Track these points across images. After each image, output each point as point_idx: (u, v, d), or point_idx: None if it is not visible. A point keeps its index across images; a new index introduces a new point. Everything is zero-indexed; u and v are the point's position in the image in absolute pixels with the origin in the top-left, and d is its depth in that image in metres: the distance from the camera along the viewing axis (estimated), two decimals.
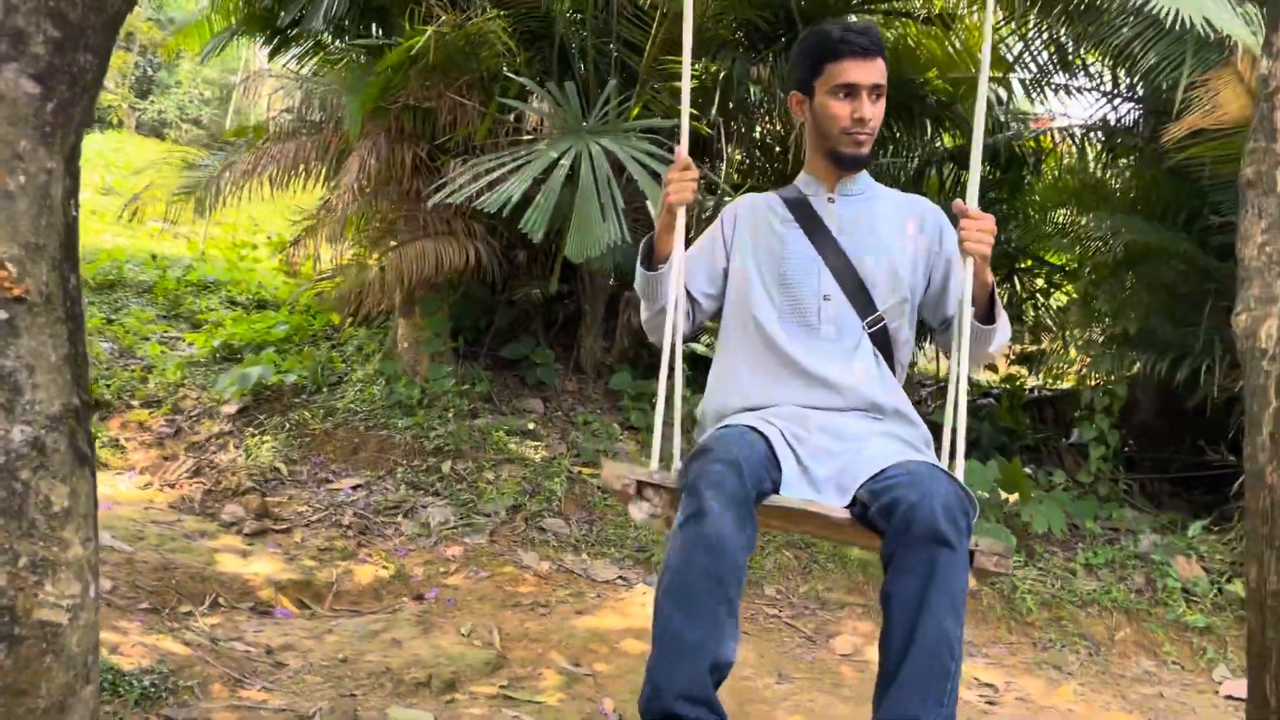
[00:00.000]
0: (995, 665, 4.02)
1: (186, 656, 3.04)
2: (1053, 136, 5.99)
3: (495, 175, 4.42)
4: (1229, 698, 3.91)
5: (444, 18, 5.02)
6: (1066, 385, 6.95)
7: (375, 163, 5.29)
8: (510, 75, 5.13)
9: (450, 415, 5.39)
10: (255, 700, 2.93)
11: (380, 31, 6.27)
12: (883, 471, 1.93)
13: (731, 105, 5.86)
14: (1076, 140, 6.14)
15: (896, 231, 2.28)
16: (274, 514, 4.67)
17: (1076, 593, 4.47)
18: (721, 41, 6.03)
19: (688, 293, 2.31)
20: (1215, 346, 4.79)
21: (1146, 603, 4.44)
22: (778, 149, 6.08)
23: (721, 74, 5.65)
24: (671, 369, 2.15)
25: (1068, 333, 6.26)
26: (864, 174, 2.34)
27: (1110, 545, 4.80)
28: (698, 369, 6.37)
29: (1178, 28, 3.57)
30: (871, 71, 2.19)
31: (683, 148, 2.22)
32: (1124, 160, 5.87)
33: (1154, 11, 3.58)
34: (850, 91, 2.19)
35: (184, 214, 6.36)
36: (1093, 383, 5.76)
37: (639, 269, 2.30)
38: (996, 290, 2.22)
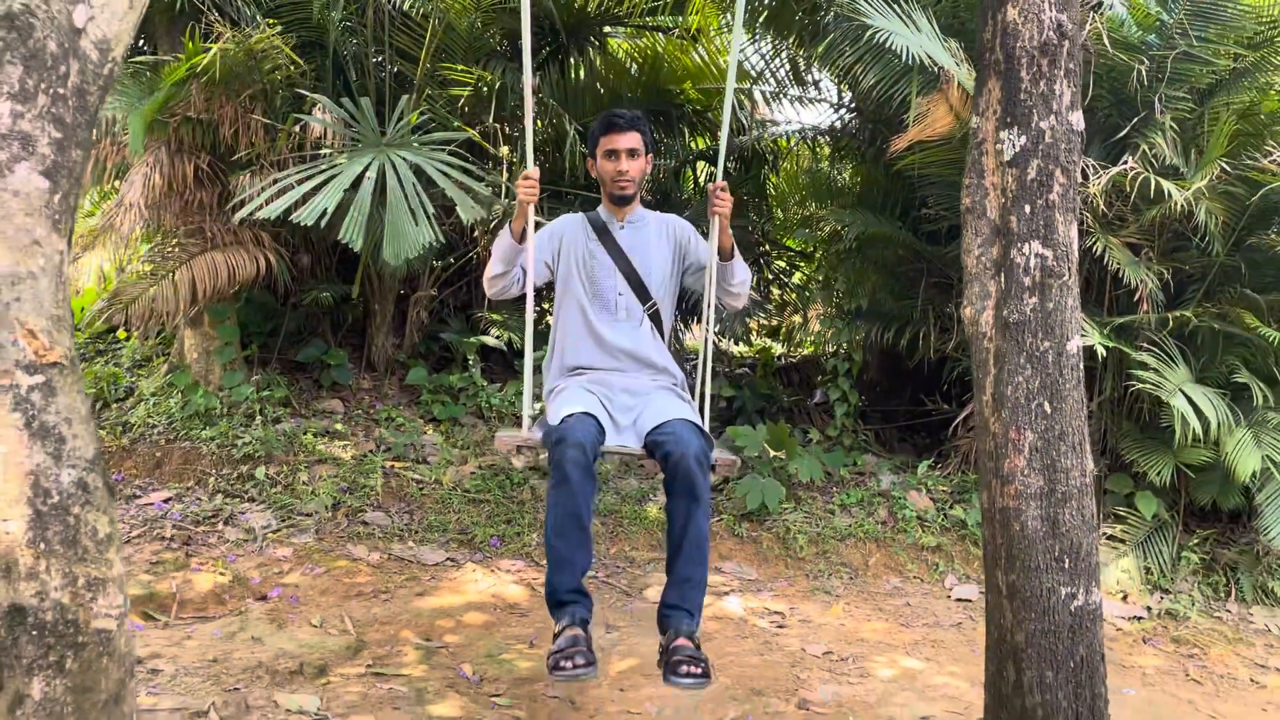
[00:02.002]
0: (779, 596, 4.76)
1: None
2: (789, 139, 6.86)
3: (306, 188, 4.63)
4: (959, 599, 4.87)
5: (227, 34, 5.12)
6: (807, 352, 7.95)
7: (159, 178, 5.29)
8: (301, 92, 5.30)
9: (258, 422, 5.52)
10: (147, 704, 3.13)
11: (142, 41, 6.17)
12: (660, 425, 3.02)
13: (506, 113, 6.27)
14: (810, 143, 7.07)
15: (660, 245, 3.39)
16: None
17: (836, 529, 5.32)
18: (491, 51, 6.42)
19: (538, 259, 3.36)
20: (929, 316, 5.79)
21: (890, 531, 5.36)
22: (550, 150, 6.55)
23: (497, 84, 6.05)
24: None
25: (809, 308, 7.22)
26: (639, 207, 3.41)
27: (858, 487, 5.71)
28: (490, 359, 6.79)
29: (902, 59, 4.42)
30: (628, 139, 3.24)
31: (529, 161, 3.19)
32: (848, 161, 6.85)
33: (886, 44, 4.42)
34: (613, 154, 3.27)
35: None
36: (832, 350, 6.70)
37: (507, 239, 3.24)
38: (734, 243, 3.29)
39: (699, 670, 2.74)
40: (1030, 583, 2.72)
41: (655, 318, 3.35)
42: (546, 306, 6.60)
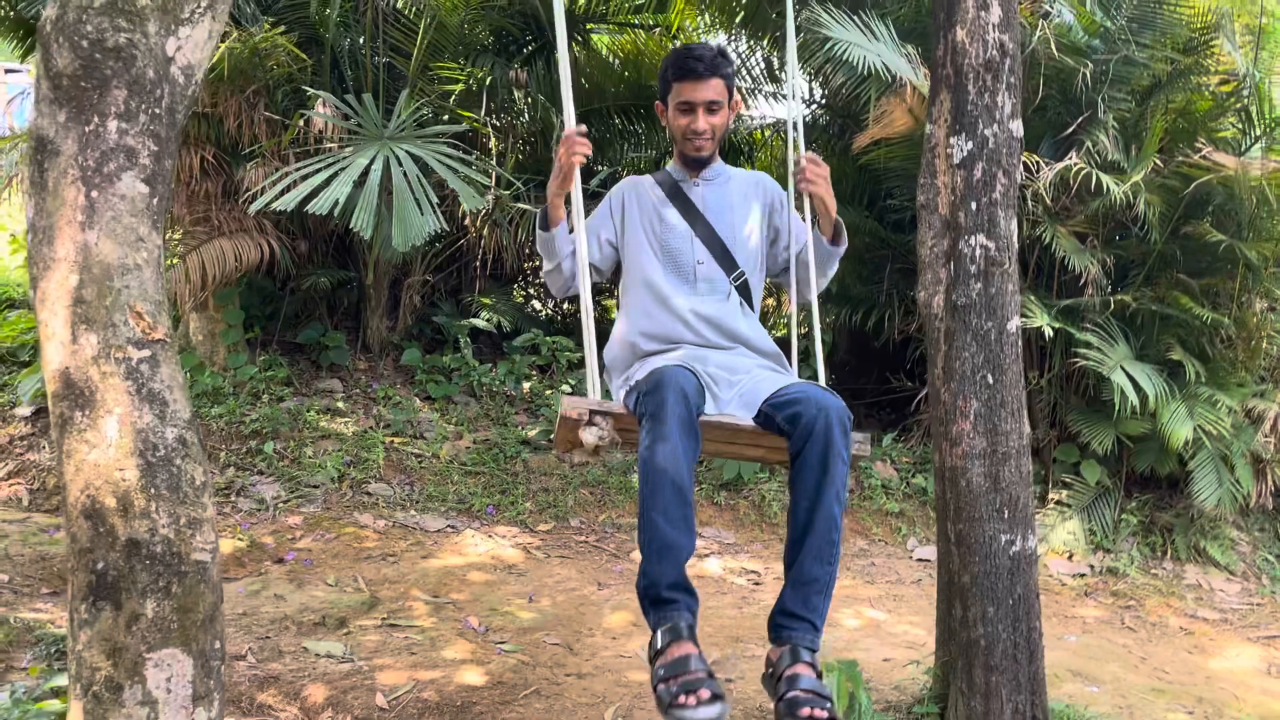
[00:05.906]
0: (755, 558, 5.17)
1: None
2: (764, 132, 7.25)
3: (317, 181, 4.95)
4: (919, 559, 5.30)
5: (232, 33, 5.42)
6: (781, 334, 8.35)
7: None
8: (303, 88, 5.61)
9: (264, 400, 5.84)
10: None
11: None
12: (779, 391, 2.44)
13: (495, 105, 6.60)
14: (784, 136, 7.45)
15: (747, 204, 2.83)
16: None
17: None
18: (479, 47, 6.75)
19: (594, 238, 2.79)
20: (894, 300, 6.20)
21: (857, 498, 5.78)
22: (537, 143, 6.89)
23: (488, 80, 6.38)
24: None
25: (783, 292, 7.62)
26: (718, 161, 2.87)
27: None
28: (480, 341, 7.12)
29: (860, 68, 4.81)
30: (706, 90, 2.68)
31: (570, 120, 2.57)
32: (820, 153, 7.23)
33: (844, 56, 4.80)
34: (688, 108, 2.71)
35: None
36: (804, 332, 7.10)
37: (537, 231, 2.73)
38: (840, 222, 2.80)
39: (825, 716, 2.09)
40: (975, 531, 3.12)
41: (744, 290, 2.79)
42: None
